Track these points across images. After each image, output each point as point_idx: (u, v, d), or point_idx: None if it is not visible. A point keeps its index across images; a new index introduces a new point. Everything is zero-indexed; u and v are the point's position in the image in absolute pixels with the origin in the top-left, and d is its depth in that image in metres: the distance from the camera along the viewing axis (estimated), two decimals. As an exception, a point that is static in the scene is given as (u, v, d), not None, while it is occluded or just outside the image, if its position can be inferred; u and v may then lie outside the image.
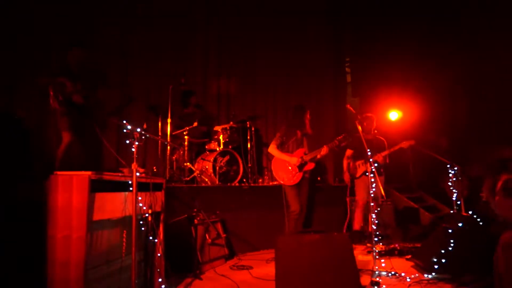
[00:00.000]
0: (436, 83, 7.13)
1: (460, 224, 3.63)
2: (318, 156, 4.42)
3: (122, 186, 2.70)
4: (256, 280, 3.59)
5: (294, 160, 4.40)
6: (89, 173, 2.34)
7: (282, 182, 4.44)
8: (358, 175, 5.14)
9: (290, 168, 4.41)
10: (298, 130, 4.55)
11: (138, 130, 2.63)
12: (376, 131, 5.21)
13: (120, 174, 2.81)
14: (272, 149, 4.53)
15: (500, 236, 1.76)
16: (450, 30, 7.07)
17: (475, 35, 6.63)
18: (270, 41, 7.35)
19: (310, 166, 4.46)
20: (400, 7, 7.85)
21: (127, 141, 2.62)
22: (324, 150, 4.37)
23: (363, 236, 5.23)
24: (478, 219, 3.61)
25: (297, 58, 7.58)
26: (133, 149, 2.61)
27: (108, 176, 2.59)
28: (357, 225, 5.14)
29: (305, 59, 7.63)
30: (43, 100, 3.89)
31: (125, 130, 2.59)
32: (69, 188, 2.31)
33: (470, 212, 3.81)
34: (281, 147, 4.54)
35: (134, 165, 2.57)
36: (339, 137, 4.41)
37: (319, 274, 2.81)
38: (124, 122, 2.58)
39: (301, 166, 4.41)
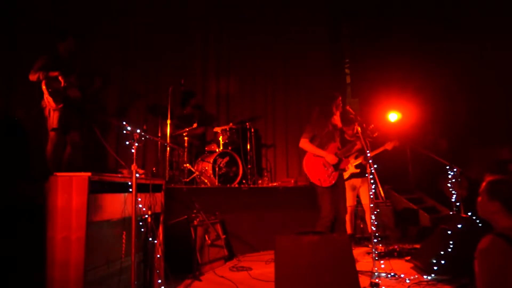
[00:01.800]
0: (436, 84, 7.15)
1: (459, 226, 3.63)
2: (353, 150, 4.16)
3: (122, 187, 2.70)
4: (256, 281, 3.58)
5: (330, 158, 3.85)
6: (88, 174, 2.34)
7: (317, 183, 3.89)
8: (344, 178, 4.81)
9: (325, 167, 3.87)
10: (330, 121, 4.04)
11: (138, 131, 2.63)
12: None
13: (119, 175, 2.81)
14: (304, 143, 3.93)
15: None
16: (449, 31, 7.09)
17: (475, 36, 6.65)
18: (269, 42, 7.36)
19: (346, 162, 4.04)
20: (399, 8, 7.87)
21: (127, 142, 2.62)
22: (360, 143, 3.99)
23: (360, 238, 5.23)
24: (478, 221, 3.62)
25: (296, 60, 7.59)
26: (132, 150, 2.61)
27: (107, 177, 2.58)
28: (349, 229, 5.03)
29: (305, 60, 7.64)
30: (42, 99, 3.86)
31: (125, 131, 2.59)
32: (69, 189, 2.31)
33: (470, 214, 3.81)
34: (314, 141, 3.96)
35: (133, 166, 2.57)
36: (370, 127, 4.18)
37: (319, 275, 2.81)
38: (124, 123, 2.58)
39: (336, 164, 3.90)
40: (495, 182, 1.88)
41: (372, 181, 3.69)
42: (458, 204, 4.60)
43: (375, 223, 3.62)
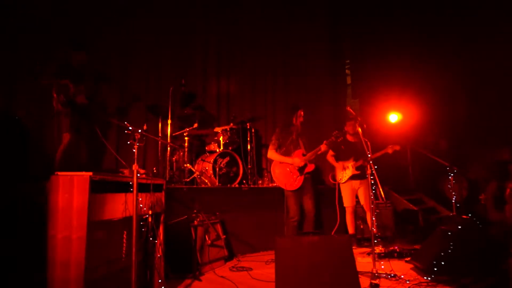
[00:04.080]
0: (436, 85, 7.16)
1: (459, 226, 3.64)
2: (319, 153, 4.32)
3: (123, 187, 2.70)
4: (256, 282, 3.59)
5: (297, 160, 4.26)
6: (90, 173, 2.34)
7: (283, 187, 4.29)
8: (344, 180, 5.07)
9: (290, 172, 4.28)
10: (293, 131, 4.45)
11: (139, 131, 2.63)
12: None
13: (120, 175, 2.81)
14: (271, 153, 4.41)
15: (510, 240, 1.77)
16: (450, 31, 7.09)
17: (475, 37, 6.66)
18: (269, 42, 7.35)
19: (310, 167, 4.34)
20: (399, 8, 7.88)
21: (128, 142, 2.62)
22: (324, 147, 4.28)
23: (360, 239, 5.23)
24: (477, 221, 3.63)
25: (296, 60, 7.58)
26: (134, 150, 2.62)
27: (108, 176, 2.59)
28: (351, 229, 5.10)
29: (305, 60, 7.63)
30: (43, 100, 3.87)
31: (126, 131, 2.59)
32: (70, 189, 2.32)
33: (469, 215, 3.82)
34: (280, 149, 4.41)
35: (134, 166, 2.57)
36: (335, 133, 4.30)
37: (319, 275, 2.82)
38: (125, 123, 2.58)
39: (301, 169, 4.28)
40: None
41: (372, 181, 3.70)
42: (458, 205, 4.61)
43: (375, 224, 3.62)
